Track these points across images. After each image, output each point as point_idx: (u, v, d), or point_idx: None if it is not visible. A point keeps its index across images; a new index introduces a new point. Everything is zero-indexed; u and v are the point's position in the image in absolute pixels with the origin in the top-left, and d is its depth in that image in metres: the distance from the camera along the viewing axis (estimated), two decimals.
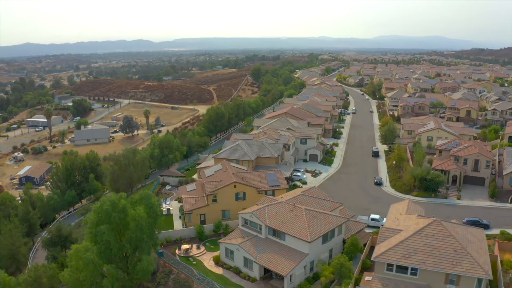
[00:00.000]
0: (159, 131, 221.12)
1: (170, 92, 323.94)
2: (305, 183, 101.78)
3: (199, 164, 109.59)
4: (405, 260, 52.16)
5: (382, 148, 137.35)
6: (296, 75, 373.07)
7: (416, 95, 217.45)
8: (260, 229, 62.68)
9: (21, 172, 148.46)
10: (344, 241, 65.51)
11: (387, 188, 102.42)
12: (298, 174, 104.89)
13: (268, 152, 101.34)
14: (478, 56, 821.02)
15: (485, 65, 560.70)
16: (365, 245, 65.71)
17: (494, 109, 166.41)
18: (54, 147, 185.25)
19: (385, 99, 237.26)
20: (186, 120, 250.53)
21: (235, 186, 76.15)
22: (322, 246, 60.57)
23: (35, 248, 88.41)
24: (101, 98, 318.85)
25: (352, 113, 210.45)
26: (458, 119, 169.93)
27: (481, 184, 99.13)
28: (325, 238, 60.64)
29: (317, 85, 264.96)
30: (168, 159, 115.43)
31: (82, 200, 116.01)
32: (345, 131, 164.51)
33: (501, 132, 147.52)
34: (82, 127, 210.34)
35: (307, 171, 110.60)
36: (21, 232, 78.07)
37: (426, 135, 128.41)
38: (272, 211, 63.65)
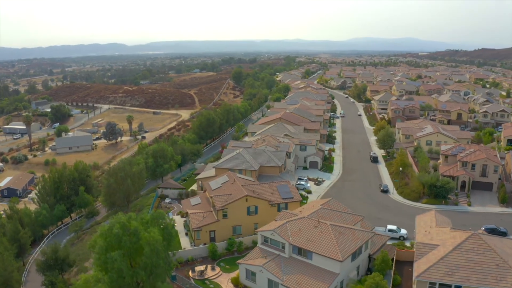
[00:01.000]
0: (143, 138, 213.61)
1: (151, 97, 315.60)
2: (309, 192, 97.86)
3: (198, 174, 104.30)
4: (449, 278, 48.82)
5: (379, 153, 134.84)
6: (278, 78, 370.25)
7: (404, 97, 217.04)
8: (283, 247, 58.13)
9: (2, 183, 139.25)
10: (369, 257, 61.69)
11: (395, 195, 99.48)
12: (302, 182, 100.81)
13: (272, 161, 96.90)
14: (453, 58, 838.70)
15: (462, 66, 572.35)
16: (392, 259, 61.98)
17: (485, 112, 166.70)
18: (35, 155, 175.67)
19: (372, 102, 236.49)
20: (170, 125, 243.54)
21: (246, 199, 71.44)
22: (351, 264, 56.57)
23: (26, 270, 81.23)
24: (80, 104, 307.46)
25: (341, 116, 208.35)
26: (449, 122, 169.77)
27: (489, 190, 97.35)
28: (354, 255, 56.64)
29: (302, 88, 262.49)
30: (163, 169, 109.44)
31: (72, 215, 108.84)
32: (338, 136, 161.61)
33: (495, 134, 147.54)
34: (63, 134, 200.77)
35: (309, 179, 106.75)
36: (13, 255, 71.03)
37: (425, 139, 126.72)
38: (295, 228, 59.24)
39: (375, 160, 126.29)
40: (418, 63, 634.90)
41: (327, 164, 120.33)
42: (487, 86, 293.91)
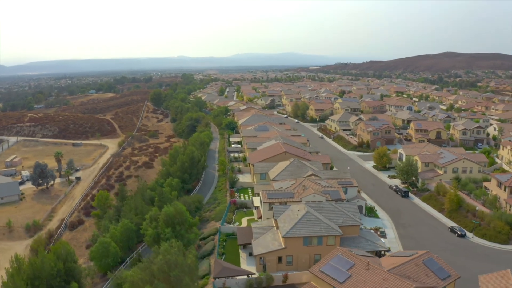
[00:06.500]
0: (78, 179, 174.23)
1: (65, 125, 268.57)
2: (388, 250, 78.68)
3: (242, 245, 78.50)
4: None
5: (397, 184, 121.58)
6: (203, 98, 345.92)
7: (363, 117, 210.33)
8: None
9: None
10: None
11: (476, 239, 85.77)
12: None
13: (349, 218, 75.90)
14: (346, 71, 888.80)
15: (363, 79, 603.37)
16: None
17: (465, 129, 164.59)
18: None
19: (326, 122, 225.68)
20: (102, 160, 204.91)
21: None
22: None
23: None
24: None
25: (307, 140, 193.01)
26: (429, 141, 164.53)
27: None
28: None
29: (246, 110, 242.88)
30: (187, 240, 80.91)
31: None
32: None
33: (491, 154, 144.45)
34: None
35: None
36: None
37: (452, 166, 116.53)
38: None
39: (405, 194, 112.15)
40: (322, 78, 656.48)
41: (367, 208, 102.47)
42: (415, 99, 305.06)
